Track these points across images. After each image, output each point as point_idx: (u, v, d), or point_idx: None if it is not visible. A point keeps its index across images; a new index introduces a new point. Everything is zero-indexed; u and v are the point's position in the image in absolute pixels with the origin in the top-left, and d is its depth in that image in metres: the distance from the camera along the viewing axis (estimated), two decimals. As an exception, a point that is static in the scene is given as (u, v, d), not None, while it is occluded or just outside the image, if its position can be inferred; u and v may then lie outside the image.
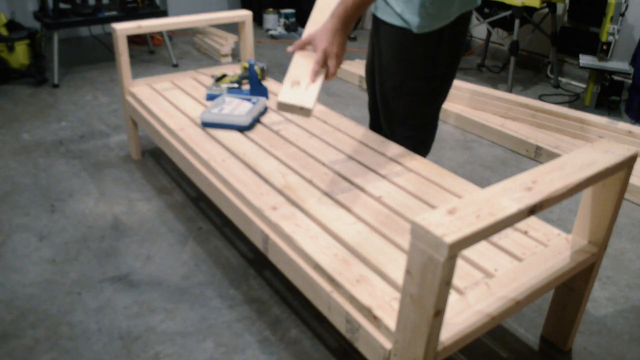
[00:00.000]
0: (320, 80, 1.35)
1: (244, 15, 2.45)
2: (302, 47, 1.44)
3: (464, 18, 1.58)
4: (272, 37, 4.62)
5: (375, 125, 1.97)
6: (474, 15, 3.72)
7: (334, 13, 1.39)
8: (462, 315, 1.11)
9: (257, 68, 2.25)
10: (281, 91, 1.29)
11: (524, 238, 1.36)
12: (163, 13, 3.66)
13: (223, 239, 1.95)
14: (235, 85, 2.27)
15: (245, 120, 1.90)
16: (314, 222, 1.40)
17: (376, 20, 1.64)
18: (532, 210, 0.97)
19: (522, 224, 1.41)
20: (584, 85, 3.60)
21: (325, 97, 3.29)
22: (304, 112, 1.27)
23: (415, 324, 0.96)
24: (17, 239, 1.92)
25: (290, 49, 1.44)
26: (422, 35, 1.53)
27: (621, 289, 1.77)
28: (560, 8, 3.68)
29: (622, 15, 3.21)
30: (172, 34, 4.58)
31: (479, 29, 4.21)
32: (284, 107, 1.28)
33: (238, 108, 1.96)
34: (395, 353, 1.04)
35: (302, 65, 1.39)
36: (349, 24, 1.39)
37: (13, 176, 2.34)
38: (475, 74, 3.85)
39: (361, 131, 1.90)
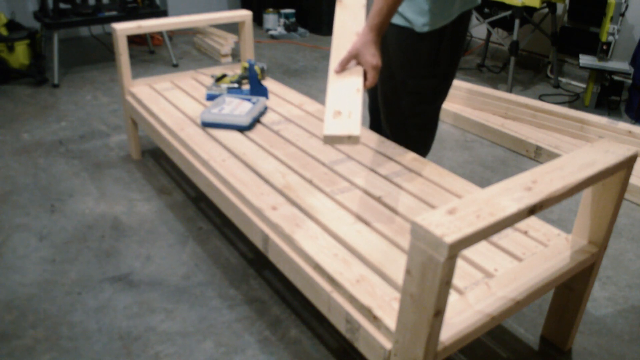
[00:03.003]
0: (360, 104, 1.32)
1: (244, 15, 2.45)
2: (349, 61, 1.44)
3: (464, 17, 1.59)
4: (272, 37, 4.62)
5: (375, 125, 1.98)
6: (474, 15, 3.72)
7: (372, 26, 1.39)
8: (462, 315, 1.11)
9: (257, 68, 2.25)
10: (325, 124, 1.26)
11: (524, 238, 1.36)
12: (163, 13, 3.66)
13: (223, 239, 1.95)
14: (235, 85, 2.27)
15: (245, 120, 1.90)
16: (314, 222, 1.40)
17: None
18: (532, 210, 0.97)
19: (522, 224, 1.41)
20: (584, 85, 3.61)
21: (326, 97, 3.29)
22: (352, 140, 1.23)
23: (415, 324, 0.96)
24: (17, 239, 1.92)
25: (337, 69, 1.43)
26: (424, 34, 1.53)
27: (621, 289, 1.77)
28: (560, 8, 3.68)
29: (622, 15, 3.21)
30: (172, 34, 4.58)
31: (479, 29, 4.21)
32: (330, 139, 1.24)
33: (238, 108, 1.96)
34: (395, 353, 1.04)
35: (338, 91, 1.35)
36: (383, 34, 1.43)
37: (13, 176, 2.34)
38: (475, 74, 3.85)
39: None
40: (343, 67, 1.43)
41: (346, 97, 1.32)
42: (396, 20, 1.55)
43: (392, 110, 1.72)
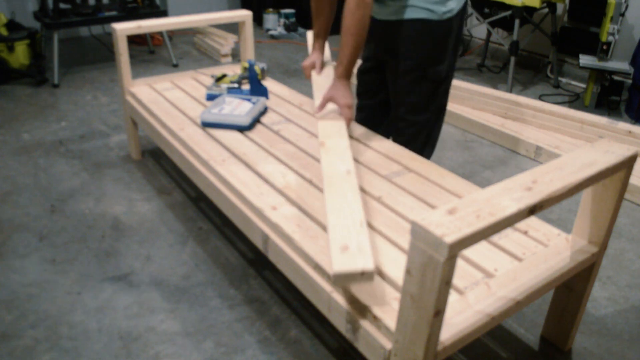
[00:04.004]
0: (366, 226, 1.22)
1: (244, 15, 2.45)
2: (324, 105, 1.75)
3: (464, 8, 1.76)
4: (272, 37, 4.62)
5: (366, 122, 2.00)
6: (474, 15, 3.72)
7: (339, 75, 1.70)
8: (462, 315, 1.11)
9: (257, 68, 2.25)
10: (332, 260, 1.10)
11: (524, 238, 1.36)
12: (163, 13, 3.66)
13: (223, 239, 1.95)
14: (235, 85, 2.27)
15: (245, 120, 1.90)
16: (314, 222, 1.40)
17: (389, 23, 1.72)
18: (532, 210, 0.97)
19: (522, 224, 1.41)
20: (584, 85, 3.60)
21: (325, 97, 3.29)
22: (366, 276, 1.08)
23: (415, 324, 0.96)
24: (17, 239, 1.92)
25: (318, 114, 1.77)
26: (444, 21, 1.66)
27: (621, 289, 1.77)
28: (560, 8, 3.68)
29: (622, 15, 3.21)
30: (172, 34, 4.58)
31: (479, 29, 4.21)
32: (340, 278, 1.07)
33: (238, 108, 1.96)
34: (395, 353, 1.04)
35: (341, 224, 1.22)
36: (351, 77, 1.72)
37: (13, 176, 2.34)
38: (475, 74, 3.84)
39: (361, 131, 1.91)
40: (322, 108, 1.75)
41: (352, 231, 1.20)
42: (415, 15, 1.66)
43: (411, 99, 1.79)
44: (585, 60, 3.17)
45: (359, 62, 1.99)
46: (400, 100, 1.81)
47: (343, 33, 1.63)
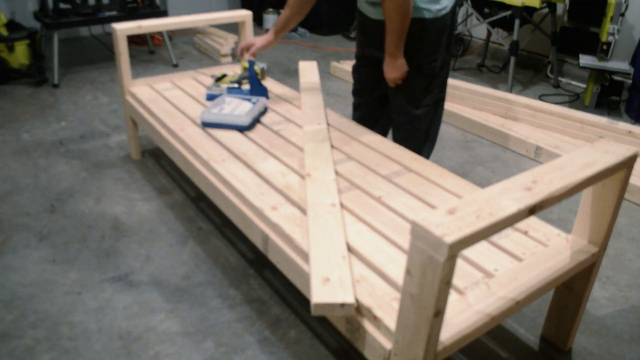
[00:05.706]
0: (349, 271, 1.20)
1: (244, 15, 2.45)
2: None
3: (455, 5, 1.82)
4: (272, 37, 4.61)
5: (363, 121, 2.01)
6: (474, 15, 3.72)
7: (389, 53, 1.72)
8: (462, 315, 1.11)
9: (257, 68, 2.25)
10: (312, 291, 1.13)
11: (524, 238, 1.36)
12: (163, 13, 3.66)
13: (223, 239, 1.95)
14: (235, 85, 2.27)
15: (245, 120, 1.90)
16: (314, 222, 1.39)
17: (385, 23, 1.72)
18: (532, 210, 0.97)
19: (522, 224, 1.41)
20: (584, 85, 3.60)
21: (325, 97, 3.29)
22: (346, 308, 1.11)
23: (415, 324, 0.96)
24: (17, 239, 1.92)
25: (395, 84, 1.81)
26: (437, 19, 1.71)
27: (621, 289, 1.77)
28: (560, 8, 3.68)
29: (622, 15, 3.21)
30: (172, 34, 4.58)
31: (479, 29, 4.21)
32: (320, 308, 1.10)
33: (238, 108, 1.96)
34: (395, 353, 1.04)
35: (322, 256, 1.24)
36: (399, 54, 1.74)
37: (13, 176, 2.34)
38: (475, 74, 3.84)
39: (361, 131, 1.91)
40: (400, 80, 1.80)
41: (333, 264, 1.22)
42: (413, 14, 1.68)
43: (408, 93, 1.83)
44: (585, 60, 3.17)
45: (354, 60, 2.00)
46: (397, 96, 1.85)
47: (385, 19, 1.66)
